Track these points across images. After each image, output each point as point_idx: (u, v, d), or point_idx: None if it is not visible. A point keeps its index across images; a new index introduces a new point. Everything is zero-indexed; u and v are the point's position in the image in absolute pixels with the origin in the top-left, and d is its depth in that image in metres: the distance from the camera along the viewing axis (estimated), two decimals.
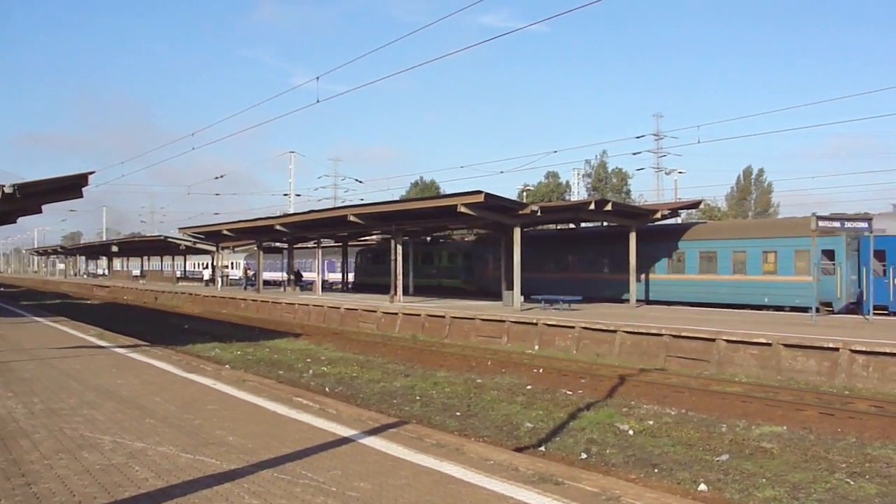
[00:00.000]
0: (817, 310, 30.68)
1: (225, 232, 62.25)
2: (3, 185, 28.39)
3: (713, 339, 25.26)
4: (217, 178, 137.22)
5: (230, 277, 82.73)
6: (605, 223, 47.29)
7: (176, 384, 14.82)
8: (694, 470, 12.83)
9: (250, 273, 72.35)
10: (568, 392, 20.83)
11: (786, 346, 23.46)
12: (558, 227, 52.91)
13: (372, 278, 64.87)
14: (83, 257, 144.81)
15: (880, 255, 33.32)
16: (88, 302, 73.96)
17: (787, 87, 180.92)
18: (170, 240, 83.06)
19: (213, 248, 72.87)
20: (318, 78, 29.72)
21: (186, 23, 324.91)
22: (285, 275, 68.31)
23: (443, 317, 36.69)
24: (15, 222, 42.41)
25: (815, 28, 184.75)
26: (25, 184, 29.29)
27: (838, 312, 33.68)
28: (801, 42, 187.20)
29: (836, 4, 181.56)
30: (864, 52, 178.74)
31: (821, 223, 30.10)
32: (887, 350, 21.20)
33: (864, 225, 30.93)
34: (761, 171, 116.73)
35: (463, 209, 35.62)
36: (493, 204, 36.21)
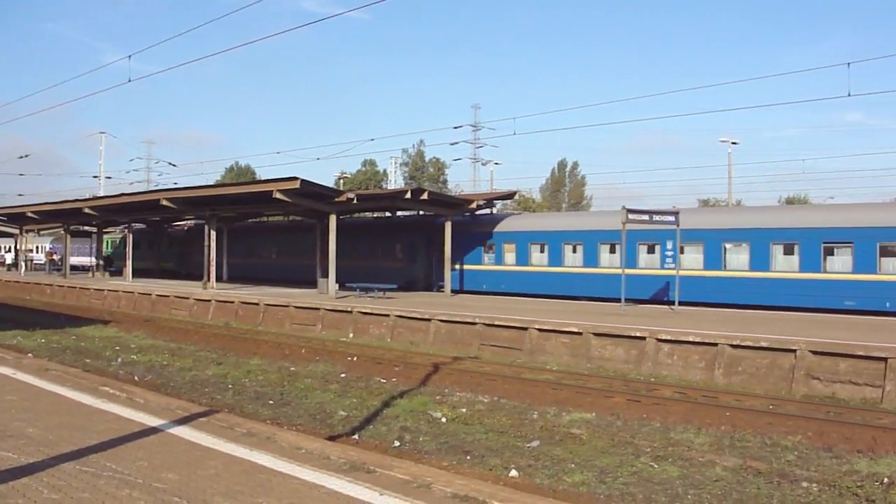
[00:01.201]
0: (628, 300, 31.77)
1: (29, 214, 59.77)
2: None
3: (526, 328, 25.80)
4: (21, 157, 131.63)
5: (35, 262, 79.40)
6: (420, 212, 47.70)
7: None
8: (505, 456, 13.05)
9: (56, 258, 69.69)
10: (382, 380, 20.89)
11: (596, 335, 24.20)
12: (375, 216, 53.13)
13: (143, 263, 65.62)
14: None
15: None
16: None
17: (602, 83, 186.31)
18: None
19: (17, 231, 69.85)
20: (129, 56, 28.66)
21: None
22: (93, 260, 66.22)
23: (257, 304, 36.27)
24: None
25: (632, 22, 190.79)
26: None
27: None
28: (616, 35, 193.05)
29: None
30: (677, 51, 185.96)
31: (630, 216, 31.16)
32: (690, 339, 22.16)
33: (672, 219, 32.15)
34: (575, 164, 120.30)
35: (279, 195, 35.29)
36: (310, 191, 36.03)
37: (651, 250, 36.29)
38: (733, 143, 68.80)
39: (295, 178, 34.64)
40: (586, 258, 38.54)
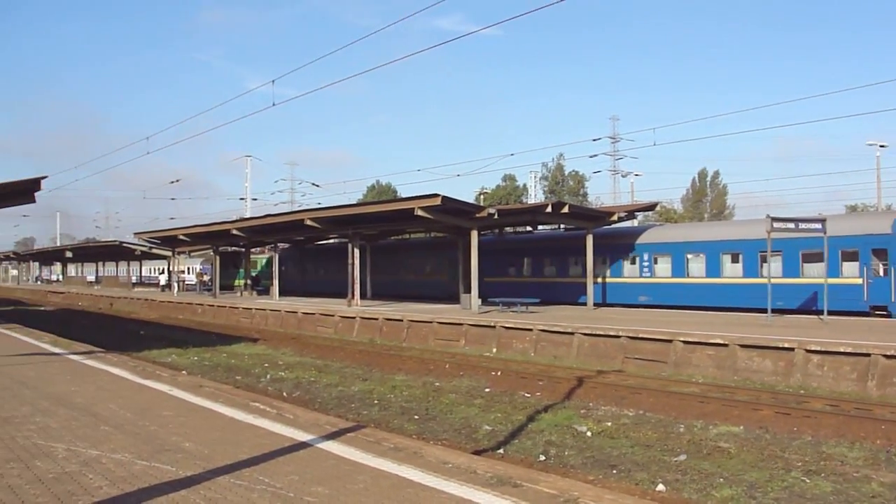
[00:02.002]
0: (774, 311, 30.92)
1: (181, 237, 61.91)
2: None
3: (670, 341, 25.41)
4: (172, 182, 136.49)
5: (186, 283, 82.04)
6: (561, 226, 47.48)
7: (131, 390, 14.65)
8: (652, 470, 12.88)
9: (206, 278, 71.74)
10: (526, 394, 20.87)
11: (742, 346, 23.65)
12: (515, 231, 53.10)
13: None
14: (37, 263, 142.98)
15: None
16: (42, 308, 73.05)
17: (742, 89, 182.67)
18: (125, 245, 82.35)
19: (169, 253, 72.33)
20: (273, 81, 29.40)
21: (132, 26, 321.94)
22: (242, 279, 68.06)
23: (401, 320, 36.64)
24: None
25: (769, 30, 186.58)
26: None
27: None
28: (755, 43, 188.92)
29: (791, 6, 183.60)
30: (817, 55, 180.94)
31: (776, 224, 30.37)
32: (841, 349, 21.44)
33: (819, 226, 31.22)
34: (717, 174, 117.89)
35: (420, 212, 35.64)
36: (450, 207, 36.27)
37: (812, 258, 35.01)
38: (881, 146, 66.41)
39: (436, 195, 34.92)
40: (719, 268, 37.63)
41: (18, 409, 12.32)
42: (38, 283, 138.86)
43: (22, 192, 31.49)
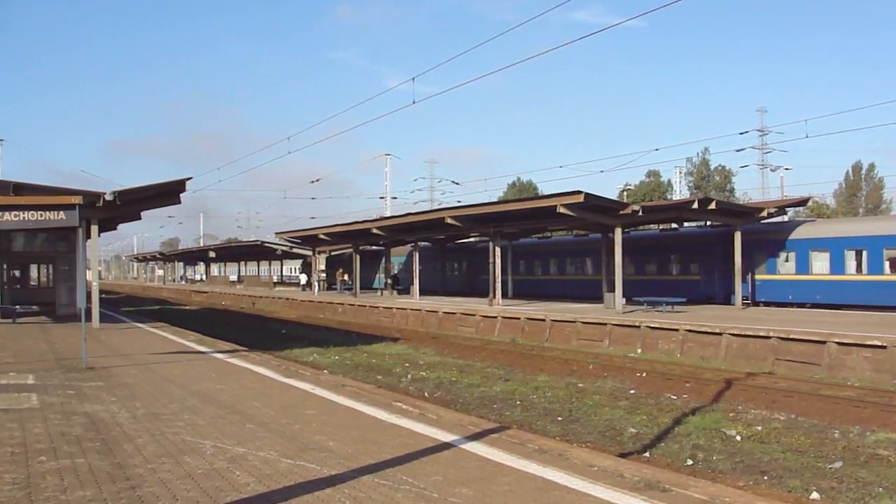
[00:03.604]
0: None
1: (321, 236, 63.13)
2: (104, 193, 29.23)
3: (824, 342, 24.69)
4: (313, 181, 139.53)
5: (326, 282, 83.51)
6: (707, 223, 46.62)
7: (275, 389, 15.08)
8: (805, 478, 12.58)
9: (346, 277, 72.80)
10: (672, 396, 20.64)
11: None
12: (660, 228, 52.42)
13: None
14: (181, 263, 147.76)
15: None
16: (187, 307, 75.65)
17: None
18: (266, 244, 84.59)
19: (310, 253, 73.71)
20: (413, 79, 29.57)
21: (270, 25, 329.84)
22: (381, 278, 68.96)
23: (543, 320, 36.61)
24: (115, 229, 43.88)
25: None
26: (125, 191, 30.16)
27: None
28: None
29: None
30: None
31: None
32: None
33: None
34: (872, 166, 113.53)
35: (562, 210, 35.51)
36: (593, 204, 36.04)
37: None
38: None
39: (579, 192, 34.75)
40: (882, 265, 36.28)
41: (167, 406, 12.81)
42: (183, 282, 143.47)
43: (168, 194, 32.70)
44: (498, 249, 44.92)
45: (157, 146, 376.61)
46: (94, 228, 30.40)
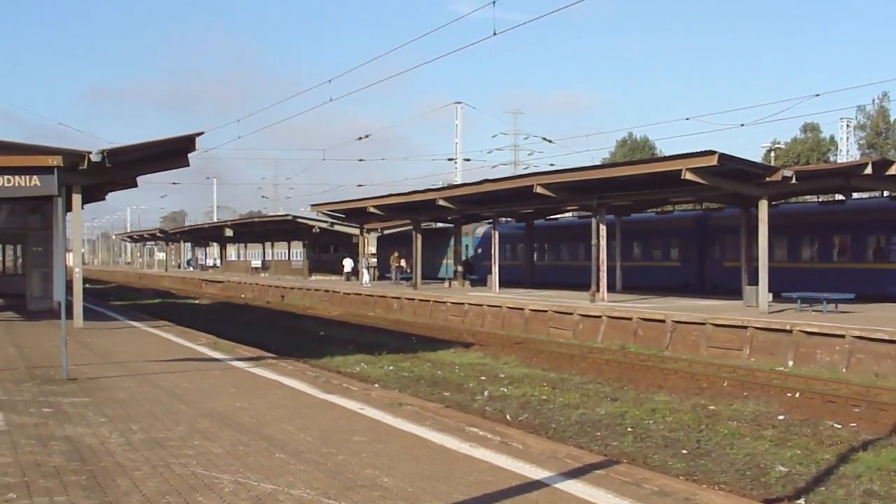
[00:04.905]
0: None
1: (371, 209, 63.12)
2: (90, 152, 28.96)
3: None
4: (360, 139, 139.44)
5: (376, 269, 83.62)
6: (885, 193, 45.94)
7: (312, 408, 15.26)
8: None
9: (403, 263, 72.30)
10: (836, 425, 20.47)
11: None
12: (820, 200, 51.86)
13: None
14: (188, 244, 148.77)
15: None
16: (197, 301, 76.48)
17: None
18: (299, 220, 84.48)
19: (357, 231, 73.63)
20: (494, 2, 29.21)
21: None
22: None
23: (662, 321, 36.45)
24: (103, 199, 43.81)
25: None
26: (117, 149, 29.89)
27: None
28: None
29: None
30: None
31: None
32: None
33: None
34: None
35: (689, 176, 35.16)
36: (731, 168, 35.67)
37: None
38: None
39: (711, 153, 34.35)
40: None
41: (173, 430, 13.01)
42: (191, 268, 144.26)
43: (173, 154, 32.66)
44: (603, 228, 44.76)
45: (146, 95, 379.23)
46: (77, 198, 30.66)
